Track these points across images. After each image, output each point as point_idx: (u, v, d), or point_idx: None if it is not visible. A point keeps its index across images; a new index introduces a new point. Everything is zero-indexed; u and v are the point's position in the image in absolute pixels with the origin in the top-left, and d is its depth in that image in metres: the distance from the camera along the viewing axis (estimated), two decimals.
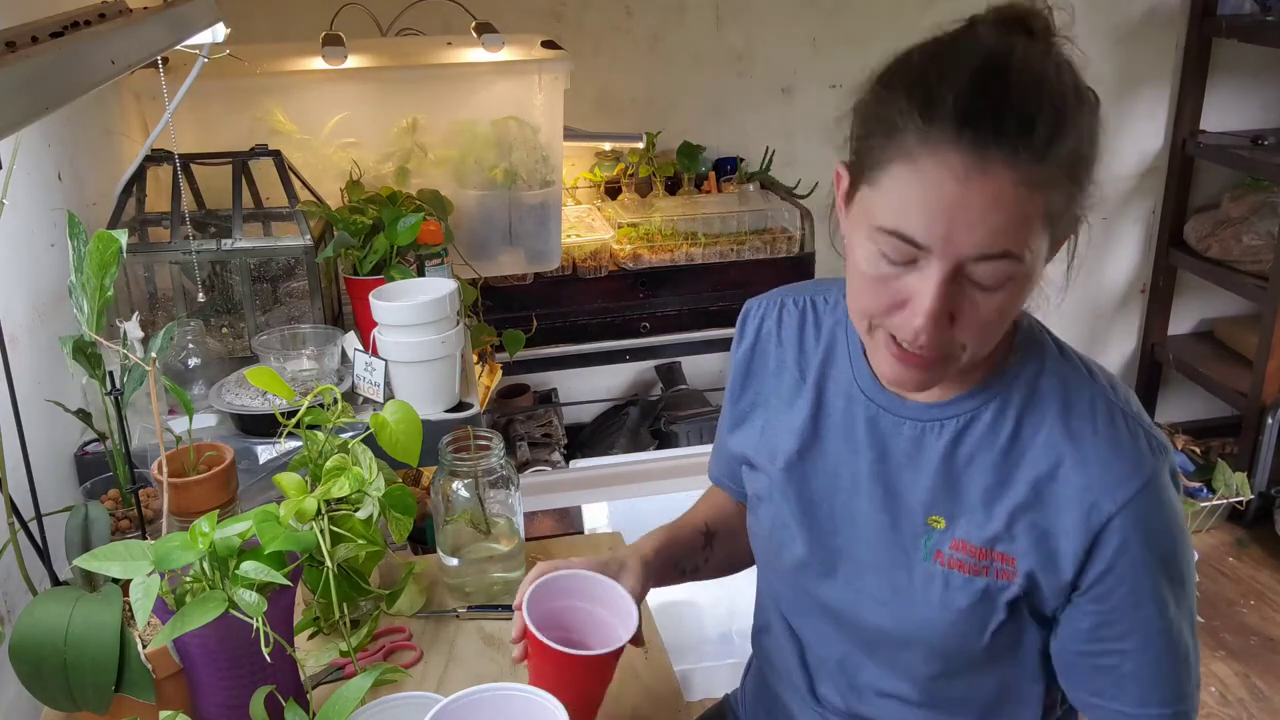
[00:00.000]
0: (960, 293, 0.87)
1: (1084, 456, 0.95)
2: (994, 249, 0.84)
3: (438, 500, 1.32)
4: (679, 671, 1.24)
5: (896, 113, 0.85)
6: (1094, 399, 0.97)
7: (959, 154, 0.82)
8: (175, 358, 1.55)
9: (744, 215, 2.64)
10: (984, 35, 0.88)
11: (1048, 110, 0.83)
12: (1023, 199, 0.82)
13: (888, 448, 1.03)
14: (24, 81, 0.78)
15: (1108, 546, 0.94)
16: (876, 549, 1.04)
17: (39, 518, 1.07)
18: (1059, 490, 0.95)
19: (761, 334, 1.15)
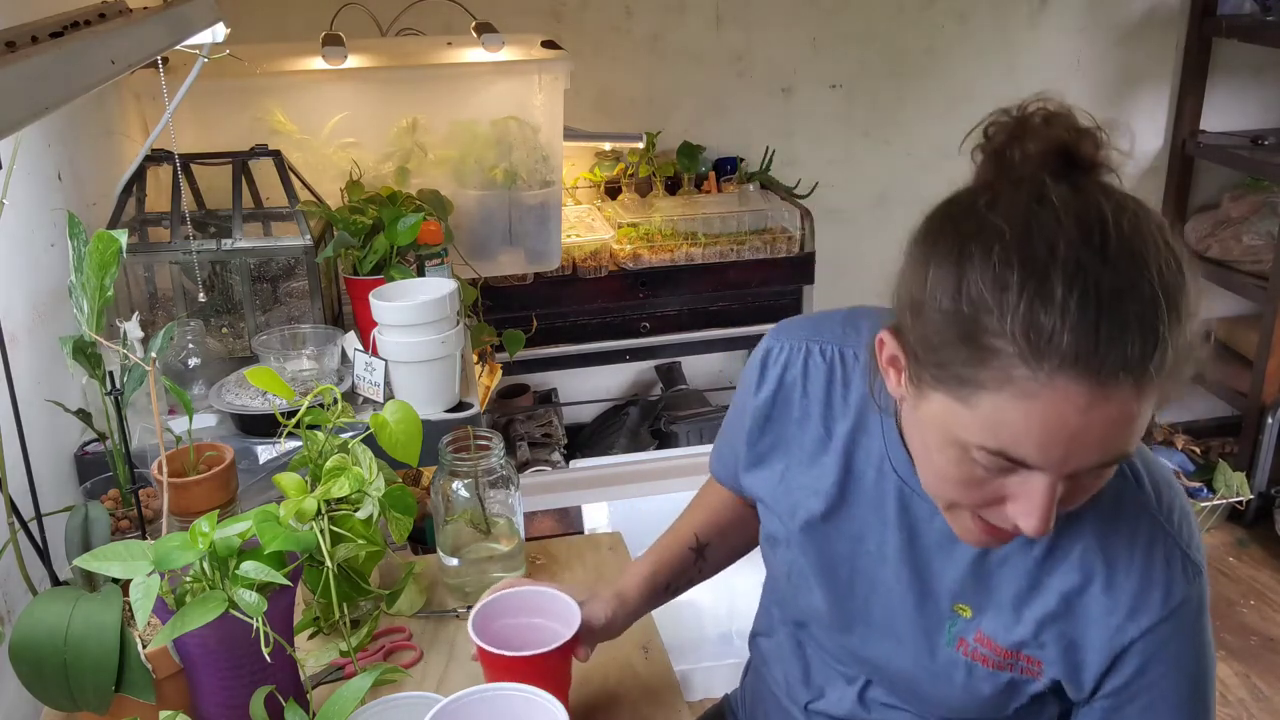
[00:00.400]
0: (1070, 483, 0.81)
1: (1116, 581, 0.91)
2: (1110, 458, 0.78)
3: (438, 500, 1.32)
4: (679, 671, 1.24)
5: (988, 334, 0.75)
6: (1138, 518, 0.92)
7: (1079, 385, 0.73)
8: (175, 358, 1.55)
9: (744, 215, 2.64)
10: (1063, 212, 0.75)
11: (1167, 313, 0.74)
12: (1143, 408, 0.76)
13: (918, 531, 0.99)
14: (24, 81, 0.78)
15: (1128, 666, 0.92)
16: (899, 620, 1.02)
17: (39, 518, 1.07)
18: (1089, 606, 0.92)
19: (785, 383, 1.07)
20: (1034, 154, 0.79)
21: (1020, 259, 0.74)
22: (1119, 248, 0.74)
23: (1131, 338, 0.72)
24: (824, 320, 1.09)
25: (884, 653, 1.04)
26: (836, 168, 3.02)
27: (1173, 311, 0.74)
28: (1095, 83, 3.12)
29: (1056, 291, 0.72)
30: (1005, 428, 0.76)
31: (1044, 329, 0.73)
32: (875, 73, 2.95)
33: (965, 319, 0.76)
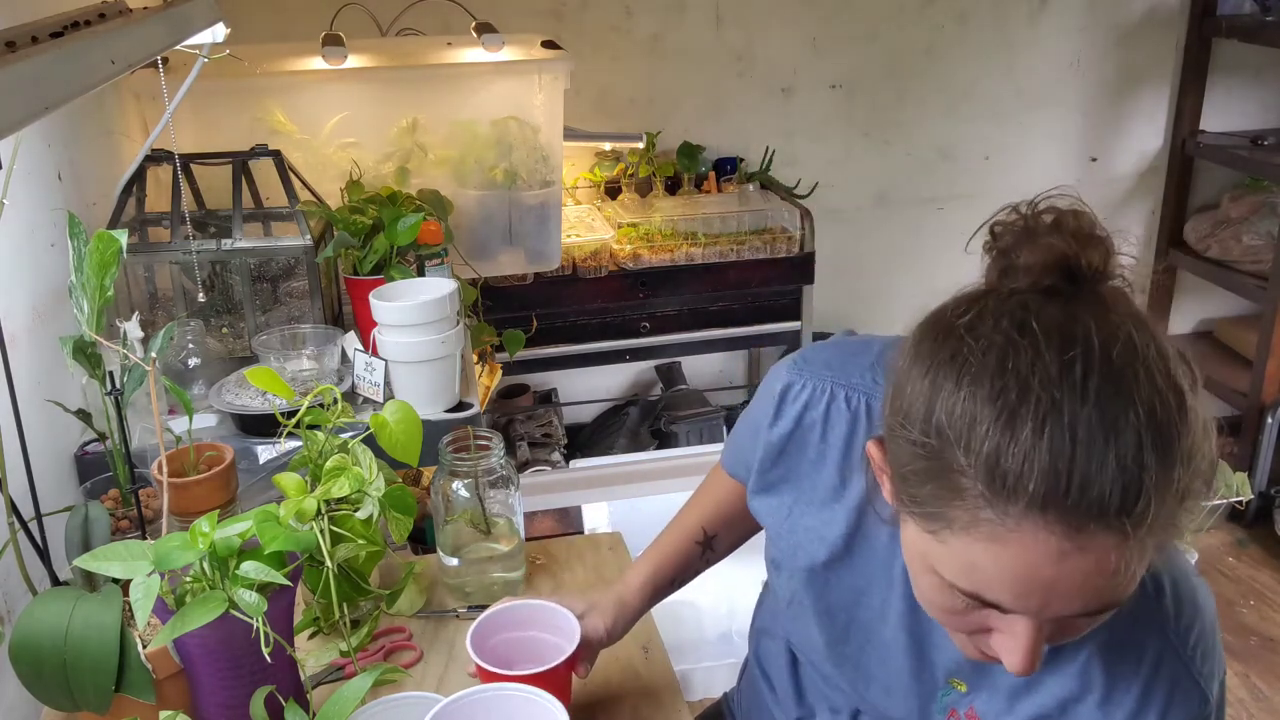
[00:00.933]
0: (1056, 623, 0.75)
1: (1114, 699, 0.85)
2: (1095, 608, 0.72)
3: (438, 500, 1.32)
4: (679, 671, 1.24)
5: (956, 473, 0.70)
6: (1147, 637, 0.85)
7: (1050, 534, 0.67)
8: (175, 358, 1.55)
9: (744, 215, 2.64)
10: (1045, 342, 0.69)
11: (1153, 463, 0.67)
12: (1127, 558, 0.68)
13: None
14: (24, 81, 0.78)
15: None
16: (892, 675, 1.00)
17: (39, 518, 1.07)
18: (1084, 712, 0.87)
19: (804, 423, 1.01)
20: (1034, 265, 0.73)
21: (990, 392, 0.69)
22: (1102, 383, 0.67)
23: (1109, 485, 0.66)
24: (852, 359, 1.01)
25: (875, 696, 1.03)
26: (836, 168, 3.02)
27: (1163, 456, 0.67)
28: (1095, 83, 3.12)
29: (1024, 430, 0.67)
30: (977, 571, 0.71)
31: (1010, 471, 0.67)
32: (875, 73, 2.95)
33: (934, 452, 0.72)
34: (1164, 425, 0.67)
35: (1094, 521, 0.66)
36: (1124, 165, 3.23)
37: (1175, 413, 0.68)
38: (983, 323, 0.72)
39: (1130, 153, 3.22)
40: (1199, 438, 0.69)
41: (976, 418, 0.69)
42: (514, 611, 1.12)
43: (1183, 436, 0.68)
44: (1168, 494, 0.67)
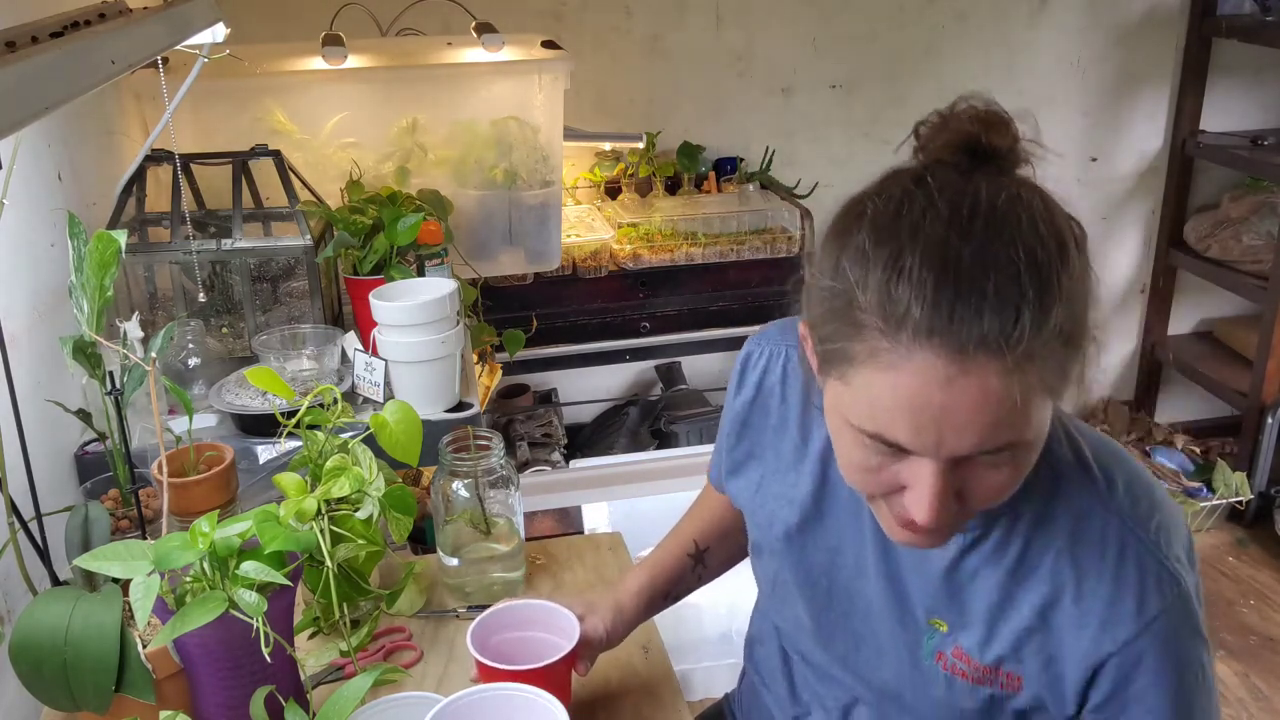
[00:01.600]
0: (963, 472, 0.79)
1: (1085, 591, 0.88)
2: (991, 445, 0.76)
3: (438, 500, 1.32)
4: (679, 671, 1.24)
5: (857, 309, 0.76)
6: (1107, 525, 0.89)
7: (936, 356, 0.73)
8: (175, 358, 1.55)
9: (744, 215, 2.64)
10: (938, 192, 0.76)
11: (1030, 289, 0.73)
12: (1014, 388, 0.73)
13: (891, 544, 0.97)
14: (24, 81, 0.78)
15: (1106, 681, 0.89)
16: (880, 632, 1.01)
17: (39, 518, 1.07)
18: (1061, 619, 0.90)
19: (764, 388, 1.07)
20: (942, 145, 0.81)
21: (884, 235, 0.76)
22: (986, 224, 0.74)
23: (988, 312, 0.72)
24: None
25: (867, 664, 1.03)
26: (836, 168, 3.02)
27: (1040, 291, 0.72)
28: (1095, 83, 3.12)
29: (910, 263, 0.73)
30: (879, 407, 0.76)
31: (899, 301, 0.73)
32: (875, 73, 2.95)
33: (839, 294, 0.78)
34: (1042, 265, 0.73)
35: (974, 346, 0.72)
36: (1124, 165, 3.23)
37: (1055, 255, 0.74)
38: (888, 187, 0.80)
39: (1130, 153, 3.22)
40: (1080, 286, 0.76)
41: (872, 258, 0.76)
42: (514, 611, 1.12)
43: (1061, 277, 0.74)
44: (1045, 327, 0.72)
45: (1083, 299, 0.77)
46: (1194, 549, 0.92)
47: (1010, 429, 0.75)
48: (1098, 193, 3.24)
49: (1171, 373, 3.38)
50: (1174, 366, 3.31)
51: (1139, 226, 3.32)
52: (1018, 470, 0.81)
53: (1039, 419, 0.77)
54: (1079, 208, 0.86)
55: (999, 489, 0.81)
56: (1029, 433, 0.77)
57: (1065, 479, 0.91)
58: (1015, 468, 0.80)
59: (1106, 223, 3.28)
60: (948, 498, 0.79)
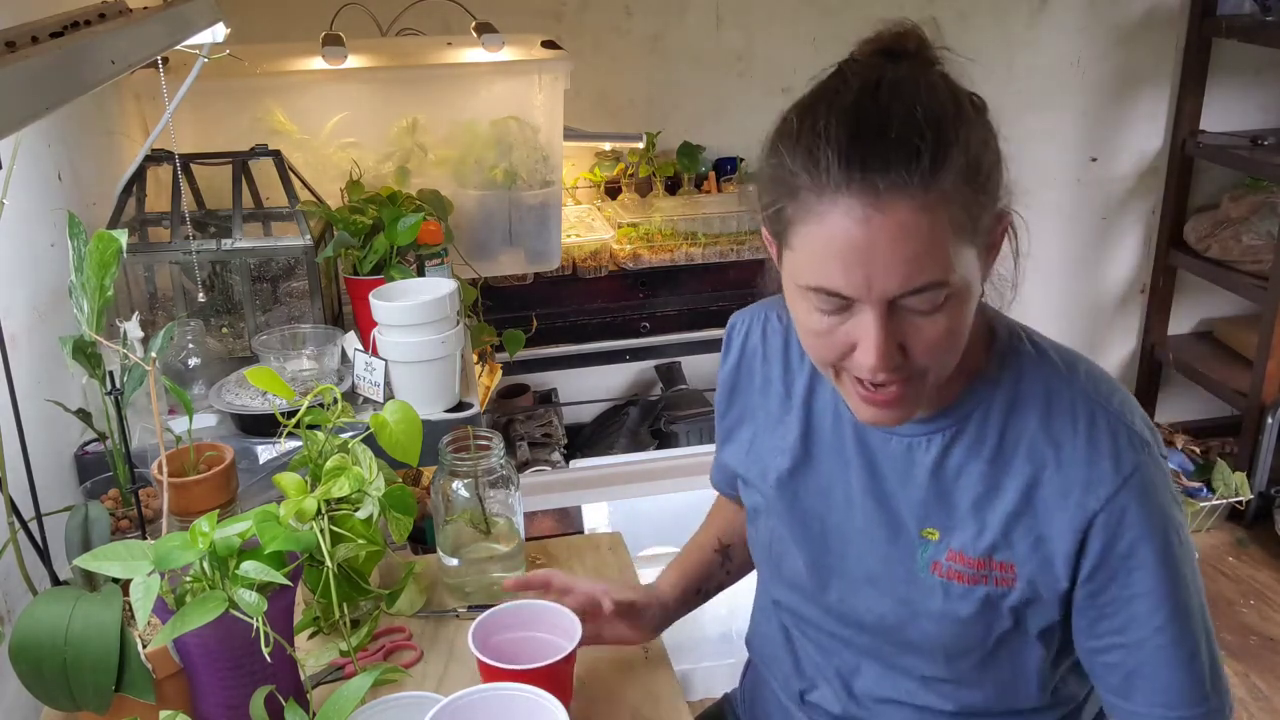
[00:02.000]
0: (902, 323, 0.87)
1: (1065, 459, 0.95)
2: (917, 282, 0.84)
3: (438, 500, 1.32)
4: (679, 671, 1.24)
5: (789, 174, 0.87)
6: (1074, 400, 0.97)
7: (854, 199, 0.83)
8: (175, 358, 1.55)
9: (744, 215, 2.64)
10: (852, 76, 0.89)
11: (928, 133, 0.83)
12: (926, 225, 0.83)
13: (877, 462, 1.04)
14: (24, 81, 0.78)
15: (1095, 543, 0.94)
16: (874, 563, 1.04)
17: (39, 518, 1.07)
18: (1045, 493, 0.96)
19: (747, 350, 1.15)
20: (865, 51, 0.93)
21: (806, 109, 0.88)
22: (889, 90, 0.86)
23: (894, 155, 0.82)
24: None
25: (864, 603, 1.06)
26: None
27: (939, 134, 0.83)
28: (1095, 83, 3.12)
29: (826, 124, 0.85)
30: (815, 258, 0.86)
31: (820, 158, 0.84)
32: None
33: (775, 167, 0.89)
34: (939, 116, 0.84)
35: (885, 186, 0.82)
36: (1124, 165, 3.23)
37: (950, 109, 0.86)
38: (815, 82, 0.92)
39: (1130, 153, 3.22)
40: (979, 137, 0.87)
41: (796, 128, 0.87)
42: (515, 611, 1.12)
43: (957, 126, 0.85)
44: (946, 167, 0.83)
45: (986, 152, 0.88)
46: (1155, 430, 0.99)
47: (931, 266, 0.84)
48: (1098, 193, 3.24)
49: (1171, 373, 3.38)
50: (1174, 366, 3.31)
51: (1139, 226, 3.32)
52: (952, 323, 0.88)
53: (960, 264, 0.86)
54: (1079, 208, 0.91)
55: (938, 340, 0.88)
56: (951, 275, 0.85)
57: (1030, 368, 0.99)
58: (949, 320, 0.88)
59: (1106, 223, 3.28)
60: (891, 345, 0.87)
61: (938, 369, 0.91)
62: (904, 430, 1.01)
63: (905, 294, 0.85)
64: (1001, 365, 0.99)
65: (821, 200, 0.84)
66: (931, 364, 0.90)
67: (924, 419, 1.00)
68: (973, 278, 0.89)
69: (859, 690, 1.11)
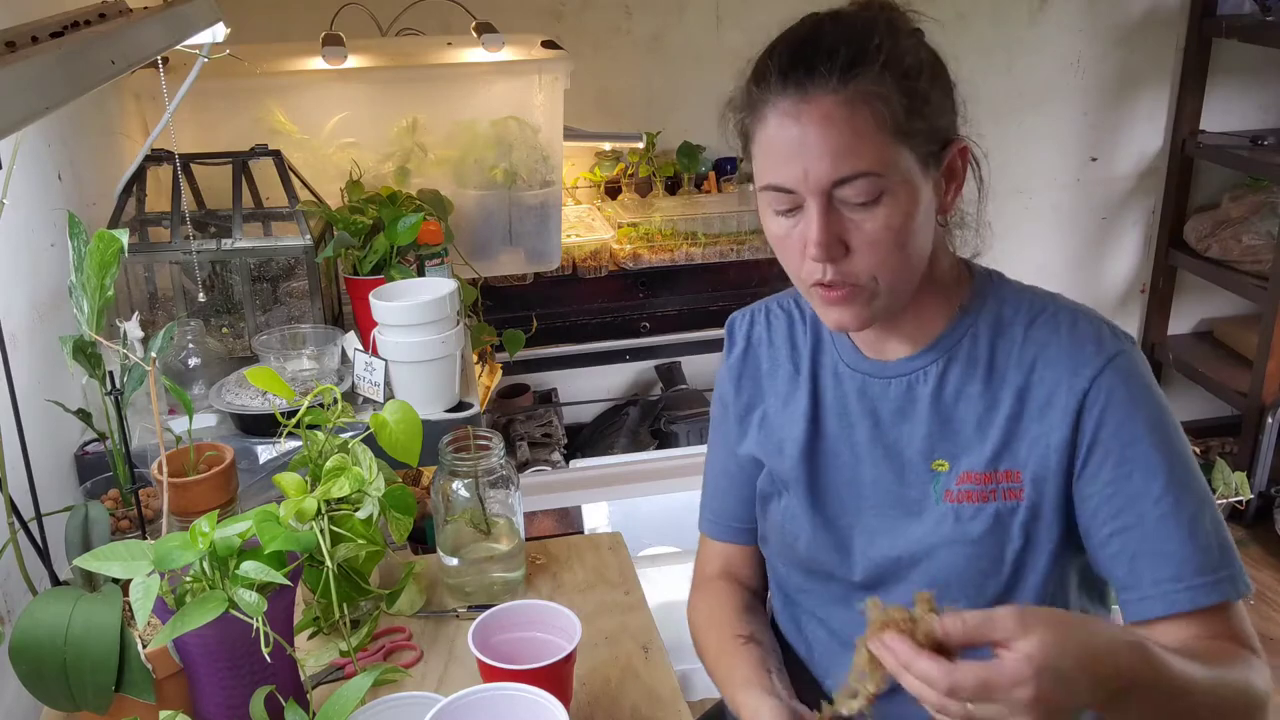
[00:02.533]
0: (841, 218, 0.96)
1: (1052, 356, 1.02)
2: (845, 170, 0.93)
3: (438, 500, 1.32)
4: (679, 671, 1.24)
5: (750, 92, 0.99)
6: (1056, 311, 1.04)
7: (786, 98, 0.94)
8: (175, 358, 1.55)
9: (744, 215, 2.64)
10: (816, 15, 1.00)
11: (852, 38, 0.94)
12: (848, 115, 0.92)
13: (879, 410, 1.09)
14: (24, 81, 0.78)
15: (1088, 423, 1.00)
16: (887, 510, 1.08)
17: (39, 518, 1.07)
18: (1038, 393, 1.02)
19: (752, 339, 1.20)
20: None
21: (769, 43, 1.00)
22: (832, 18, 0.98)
23: (820, 59, 0.93)
24: (779, 293, 1.23)
25: (881, 552, 1.08)
26: None
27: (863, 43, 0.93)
28: (1095, 83, 3.12)
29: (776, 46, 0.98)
30: (767, 158, 0.97)
31: (766, 70, 0.96)
32: None
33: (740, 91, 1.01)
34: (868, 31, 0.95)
35: (811, 84, 0.93)
36: (1124, 165, 3.23)
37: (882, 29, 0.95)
38: None
39: (1130, 153, 3.22)
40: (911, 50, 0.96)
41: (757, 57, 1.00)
42: (515, 611, 1.12)
43: (887, 36, 0.95)
44: (866, 64, 0.93)
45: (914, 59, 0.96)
46: None
47: (857, 156, 0.93)
48: (1098, 193, 3.24)
49: (1172, 373, 3.38)
50: (1174, 366, 3.31)
51: (1139, 226, 3.32)
52: (891, 220, 0.95)
53: (896, 161, 0.94)
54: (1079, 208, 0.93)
55: (877, 236, 0.95)
56: (879, 166, 0.93)
57: (1010, 295, 1.07)
58: (887, 216, 0.95)
59: (1106, 223, 3.28)
60: (829, 234, 0.95)
61: (886, 274, 0.97)
62: (900, 371, 1.07)
63: (837, 182, 0.94)
64: (983, 296, 1.07)
65: (766, 105, 0.96)
66: (876, 267, 0.97)
67: (917, 354, 1.07)
68: (916, 182, 0.96)
69: None
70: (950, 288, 1.07)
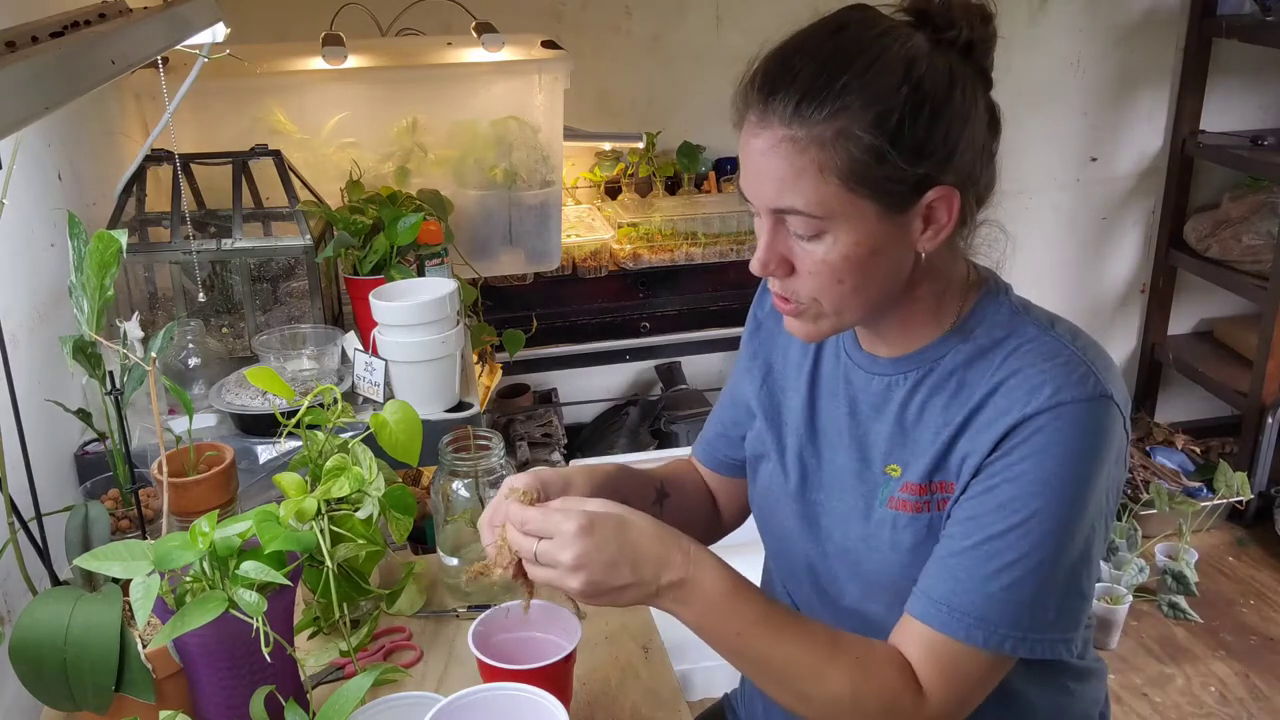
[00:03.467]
0: (788, 243, 0.96)
1: (1014, 384, 0.96)
2: (781, 202, 0.93)
3: (438, 500, 1.32)
4: (679, 671, 1.24)
5: (738, 89, 0.97)
6: (1044, 343, 0.98)
7: (753, 112, 0.93)
8: (175, 358, 1.55)
9: (744, 215, 2.64)
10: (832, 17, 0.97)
11: (819, 72, 0.91)
12: (791, 151, 0.91)
13: (857, 401, 1.09)
14: (24, 81, 0.78)
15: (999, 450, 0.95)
16: (843, 499, 1.09)
17: (39, 518, 1.07)
18: (987, 413, 0.97)
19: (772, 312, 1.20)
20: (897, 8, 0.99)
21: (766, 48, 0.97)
22: (834, 31, 0.94)
23: (786, 88, 0.91)
24: None
25: (841, 541, 1.09)
26: None
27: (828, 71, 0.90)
28: (1095, 83, 3.12)
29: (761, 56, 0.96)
30: (740, 166, 0.97)
31: (752, 73, 0.95)
32: None
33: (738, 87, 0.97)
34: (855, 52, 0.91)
35: (771, 110, 0.91)
36: (1124, 165, 3.23)
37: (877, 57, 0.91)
38: None
39: (1130, 153, 3.22)
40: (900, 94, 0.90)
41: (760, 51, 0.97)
42: (515, 611, 1.12)
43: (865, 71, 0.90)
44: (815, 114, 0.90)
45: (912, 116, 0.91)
46: (1129, 400, 0.99)
47: (793, 193, 0.92)
48: (1098, 193, 3.24)
49: (1171, 373, 3.38)
50: (1174, 366, 3.31)
51: (1139, 226, 3.32)
52: (832, 260, 0.94)
53: (842, 210, 0.91)
54: (1079, 208, 0.91)
55: (817, 270, 0.95)
56: (816, 209, 0.91)
57: (1006, 321, 1.02)
58: (827, 255, 0.94)
59: (1106, 223, 3.28)
60: (772, 251, 0.96)
61: (829, 301, 0.97)
62: (884, 370, 1.07)
63: (777, 210, 0.94)
64: (983, 316, 1.03)
65: (745, 110, 0.95)
66: (816, 292, 0.96)
67: (903, 356, 1.05)
68: (870, 225, 0.93)
69: None
70: (943, 307, 1.03)
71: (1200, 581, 2.74)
